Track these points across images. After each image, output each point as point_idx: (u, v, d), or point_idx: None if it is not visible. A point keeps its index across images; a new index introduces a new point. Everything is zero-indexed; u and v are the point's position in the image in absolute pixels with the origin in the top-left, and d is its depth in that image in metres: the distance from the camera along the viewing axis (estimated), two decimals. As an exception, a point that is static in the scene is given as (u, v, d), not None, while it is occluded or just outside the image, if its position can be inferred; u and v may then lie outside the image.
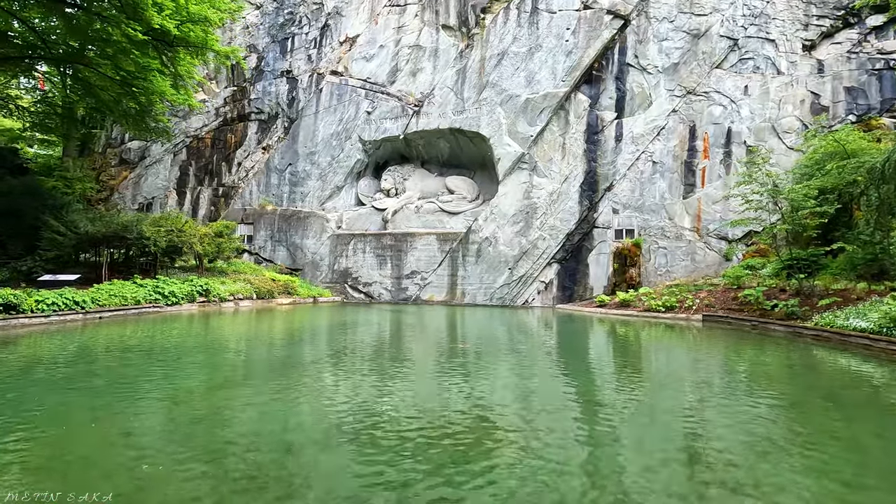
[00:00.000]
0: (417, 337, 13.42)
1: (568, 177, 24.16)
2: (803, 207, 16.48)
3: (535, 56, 24.68)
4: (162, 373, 8.02)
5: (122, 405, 6.01)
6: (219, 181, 30.43)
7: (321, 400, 6.53)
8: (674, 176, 23.30)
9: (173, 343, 11.18)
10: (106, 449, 4.64)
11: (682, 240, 22.81)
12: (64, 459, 4.41)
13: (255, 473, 4.07)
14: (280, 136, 29.77)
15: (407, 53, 27.37)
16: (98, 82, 20.34)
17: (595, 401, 6.74)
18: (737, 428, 5.49)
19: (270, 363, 9.21)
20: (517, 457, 4.56)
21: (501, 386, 7.52)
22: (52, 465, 4.28)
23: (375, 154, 28.80)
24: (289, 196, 28.83)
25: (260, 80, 30.23)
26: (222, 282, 21.61)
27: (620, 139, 23.83)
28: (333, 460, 4.41)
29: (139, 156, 31.83)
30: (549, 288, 24.31)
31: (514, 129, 24.79)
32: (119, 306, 16.00)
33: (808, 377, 8.87)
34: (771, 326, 14.80)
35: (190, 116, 30.64)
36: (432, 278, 25.57)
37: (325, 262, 27.24)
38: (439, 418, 5.66)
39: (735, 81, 23.00)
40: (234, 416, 5.81)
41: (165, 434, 5.10)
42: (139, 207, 30.59)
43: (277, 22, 30.30)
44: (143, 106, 21.26)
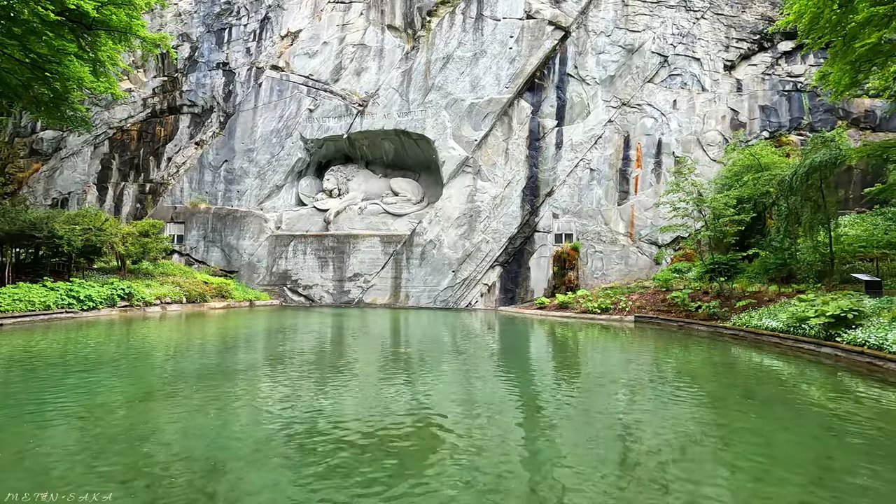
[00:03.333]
0: (359, 341, 13.13)
1: (511, 181, 24.65)
2: (724, 215, 17.76)
3: (479, 61, 25.01)
4: (73, 386, 7.31)
5: (21, 423, 5.39)
6: (146, 177, 28.44)
7: (254, 411, 6.19)
8: (610, 183, 24.39)
9: (87, 353, 10.24)
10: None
11: (617, 244, 23.91)
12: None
13: (174, 495, 3.76)
14: (215, 130, 28.28)
15: (351, 52, 26.87)
16: (4, 64, 18.36)
17: (533, 402, 6.84)
18: (662, 425, 5.75)
19: (198, 373, 8.64)
20: (457, 462, 4.51)
21: (443, 390, 7.47)
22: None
23: (318, 153, 28.04)
24: (224, 194, 27.43)
25: (193, 70, 28.59)
26: (148, 284, 20.17)
27: (561, 146, 24.63)
28: (262, 479, 4.16)
29: (53, 147, 29.14)
30: (491, 290, 24.67)
31: (458, 132, 24.98)
32: (25, 312, 14.49)
33: (725, 374, 9.50)
34: (695, 326, 15.79)
35: (113, 106, 28.44)
36: (376, 281, 25.21)
37: (262, 264, 26.14)
38: (379, 427, 5.51)
39: (665, 95, 24.45)
40: (153, 431, 5.37)
41: (72, 455, 4.61)
42: (52, 203, 27.98)
43: (213, 11, 28.80)
44: (57, 92, 19.44)
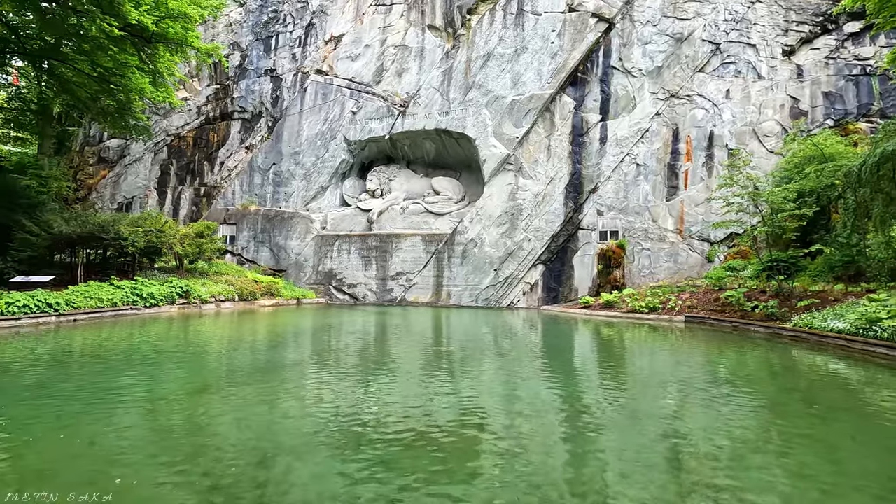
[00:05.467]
0: (402, 339, 13.30)
1: (553, 178, 24.24)
2: (783, 210, 16.74)
3: (520, 57, 24.73)
4: (138, 378, 7.79)
5: (93, 412, 5.80)
6: (201, 181, 29.93)
7: (302, 406, 6.39)
8: (657, 178, 23.52)
9: (151, 347, 10.90)
10: (70, 460, 4.45)
11: (666, 241, 23.04)
12: (24, 470, 4.21)
13: (228, 484, 3.93)
14: (264, 135, 29.38)
15: (392, 53, 27.21)
16: (74, 79, 19.83)
17: (577, 403, 6.70)
18: (717, 430, 5.49)
19: (251, 367, 9.01)
20: (498, 461, 4.48)
21: (485, 389, 7.45)
22: (9, 479, 4.08)
23: (361, 154, 28.59)
24: (272, 196, 28.46)
25: (243, 78, 29.82)
26: (203, 283, 21.22)
27: (605, 141, 23.98)
28: (311, 470, 4.28)
29: (118, 154, 31.17)
30: (534, 289, 24.36)
31: (499, 130, 24.80)
32: (95, 309, 15.58)
33: (786, 378, 8.96)
34: (751, 327, 14.98)
35: (171, 114, 30.09)
36: (417, 279, 25.44)
37: (309, 263, 26.94)
38: (424, 424, 5.56)
39: (717, 85, 23.31)
40: (211, 422, 5.65)
41: (136, 442, 4.91)
42: (118, 207, 29.93)
43: (261, 20, 29.91)
44: (121, 103, 20.79)
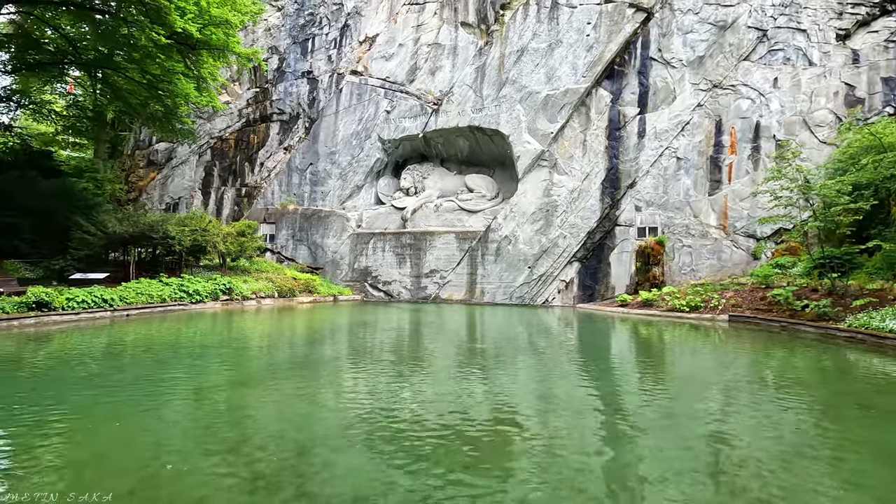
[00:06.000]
0: (436, 336, 13.39)
1: (589, 174, 23.77)
2: (836, 204, 15.82)
3: (555, 52, 24.34)
4: (185, 370, 8.17)
5: (145, 402, 6.13)
6: (242, 181, 30.97)
7: (340, 399, 6.54)
8: (699, 172, 22.68)
9: (196, 341, 11.40)
10: (125, 446, 4.72)
11: (708, 238, 22.20)
12: (85, 455, 4.50)
13: (270, 472, 4.08)
14: (301, 136, 30.11)
15: (426, 52, 27.33)
16: (126, 86, 20.92)
17: (614, 403, 6.57)
18: (764, 434, 5.27)
19: (291, 362, 9.29)
20: (533, 459, 4.46)
21: (520, 387, 7.41)
22: (71, 461, 4.37)
23: (395, 153, 28.87)
24: (310, 195, 29.14)
25: (281, 80, 30.62)
26: (245, 280, 21.97)
27: (643, 135, 23.31)
28: (348, 462, 4.39)
29: (166, 157, 32.63)
30: (569, 287, 23.99)
31: (533, 126, 24.52)
32: (145, 304, 16.41)
33: (840, 381, 8.49)
34: (801, 328, 14.27)
35: (214, 118, 31.25)
36: (451, 277, 25.51)
37: (345, 261, 27.46)
38: (458, 420, 5.59)
39: (764, 74, 22.24)
40: (253, 414, 5.86)
41: (185, 431, 5.16)
42: (166, 207, 31.35)
43: (298, 23, 30.63)
44: (168, 108, 21.77)
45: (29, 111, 25.82)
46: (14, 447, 4.59)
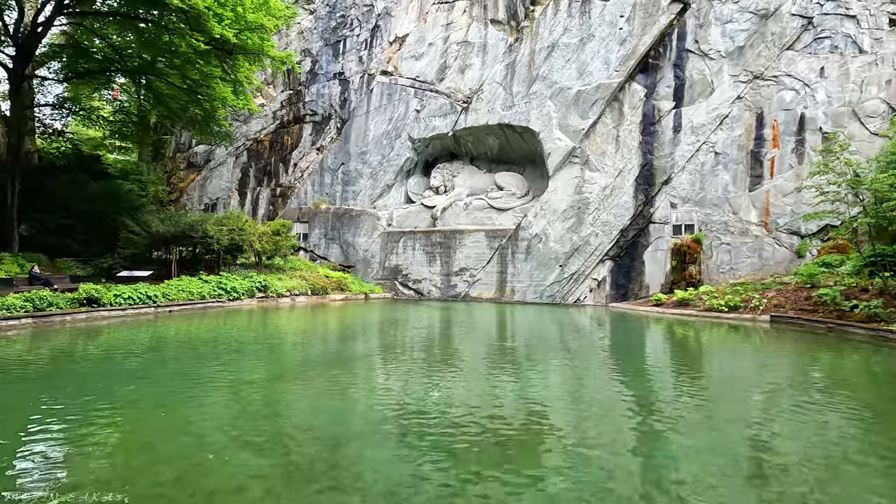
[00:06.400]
0: (467, 335, 13.41)
1: (622, 170, 23.27)
2: (889, 198, 14.97)
3: (586, 46, 23.92)
4: (224, 365, 8.47)
5: (187, 394, 6.39)
6: (276, 181, 31.76)
7: (372, 395, 6.65)
8: (738, 167, 21.87)
9: (234, 337, 11.78)
10: (170, 435, 4.94)
11: (748, 235, 21.39)
12: (132, 443, 4.74)
13: (305, 463, 4.20)
14: (333, 136, 30.63)
15: (455, 50, 27.33)
16: (167, 91, 21.78)
17: (648, 404, 6.43)
18: (808, 439, 5.06)
19: (324, 357, 9.50)
20: (565, 458, 4.42)
21: (551, 386, 7.35)
22: (122, 448, 4.61)
23: (425, 152, 29.01)
24: (341, 195, 29.62)
25: (314, 82, 31.21)
26: (279, 278, 22.55)
27: (679, 130, 22.64)
28: (380, 456, 4.46)
29: (205, 159, 33.79)
30: (601, 286, 23.57)
31: (564, 122, 24.18)
32: (186, 301, 17.06)
33: (892, 385, 8.05)
34: (850, 329, 13.58)
35: (250, 120, 32.14)
36: (481, 275, 25.47)
37: (376, 260, 27.80)
38: (488, 418, 5.60)
39: (809, 63, 21.22)
40: (288, 407, 6.03)
41: (224, 423, 5.36)
42: (205, 208, 32.47)
43: (330, 25, 31.14)
44: (207, 112, 22.53)
45: (79, 117, 27.21)
46: (70, 435, 4.88)
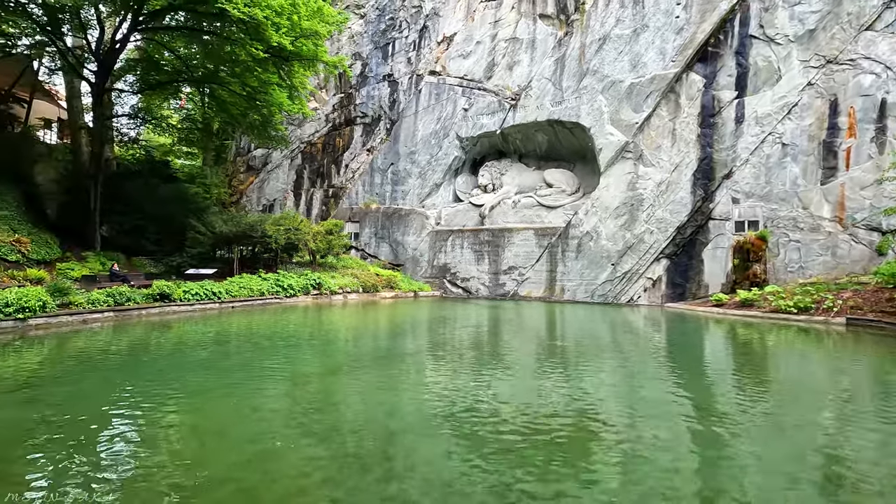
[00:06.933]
0: (516, 333, 13.34)
1: (679, 165, 22.30)
2: None
3: (640, 37, 23.09)
4: (283, 358, 8.89)
5: (251, 385, 6.77)
6: (329, 182, 32.81)
7: (424, 390, 6.78)
8: (809, 159, 20.41)
9: (291, 332, 12.32)
10: (239, 421, 5.26)
11: (820, 231, 19.93)
12: (206, 428, 5.08)
13: (362, 454, 4.36)
14: (383, 137, 31.25)
15: (503, 47, 27.15)
16: (229, 98, 23.00)
17: (708, 407, 6.17)
18: (887, 450, 4.69)
19: (377, 353, 9.76)
20: (619, 460, 4.34)
21: (603, 386, 7.20)
22: (196, 433, 4.96)
23: (472, 150, 29.03)
24: (391, 194, 30.18)
25: (364, 85, 31.96)
26: (332, 276, 23.29)
27: (742, 120, 21.42)
28: (432, 451, 4.55)
29: (262, 162, 35.41)
30: (656, 285, 22.71)
31: (616, 116, 23.47)
32: (247, 297, 17.99)
33: None
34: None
35: (304, 124, 33.36)
36: (530, 274, 25.20)
37: (424, 258, 28.13)
38: (537, 418, 5.58)
39: (892, 44, 19.46)
40: (344, 400, 6.26)
41: (286, 413, 5.64)
42: (262, 208, 34.04)
43: (379, 28, 31.77)
44: (265, 117, 23.60)
45: (151, 125, 29.25)
46: (150, 419, 5.30)
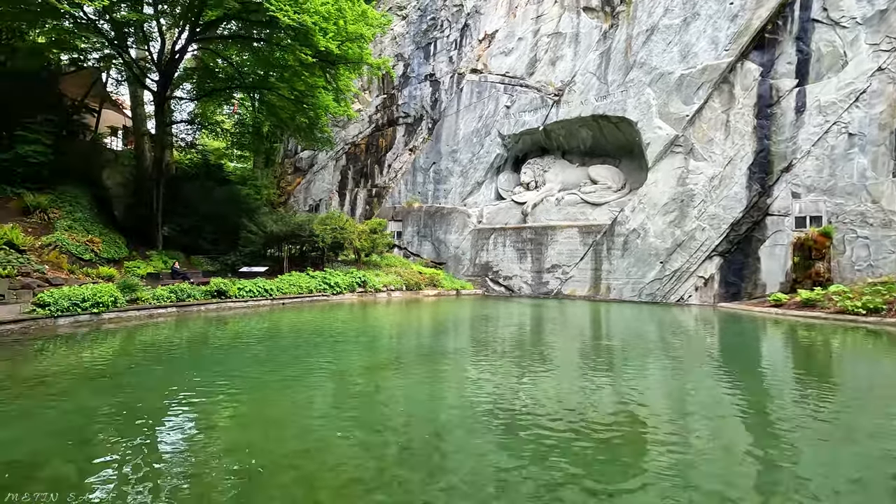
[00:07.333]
0: (559, 332, 13.18)
1: (733, 158, 21.29)
2: None
3: (690, 26, 22.19)
4: (334, 353, 9.19)
5: (304, 379, 7.06)
6: (372, 182, 33.45)
7: (471, 387, 6.85)
8: (879, 149, 18.99)
9: (340, 328, 12.69)
10: (299, 412, 5.51)
11: (892, 227, 18.52)
12: (267, 417, 5.35)
13: (414, 447, 4.47)
14: (425, 137, 31.54)
15: (546, 42, 26.78)
16: (278, 102, 23.89)
17: (768, 412, 5.90)
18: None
19: (417, 350, 9.91)
20: (670, 463, 4.25)
21: (652, 388, 7.02)
22: (257, 422, 5.23)
23: (514, 148, 28.83)
24: (433, 193, 30.43)
25: (406, 85, 32.35)
26: (376, 274, 23.76)
27: (803, 110, 20.20)
28: (482, 445, 4.61)
29: (309, 164, 36.53)
30: (709, 284, 21.80)
31: (665, 109, 22.66)
32: (296, 294, 18.64)
33: None
34: None
35: (348, 125, 34.16)
36: (574, 272, 24.78)
37: (466, 256, 28.20)
38: (580, 419, 5.53)
39: (976, 22, 17.82)
40: (393, 395, 6.42)
41: (336, 405, 5.85)
42: (309, 208, 35.12)
43: (421, 29, 32.06)
44: (311, 120, 24.36)
45: (207, 130, 30.79)
46: (213, 408, 5.63)
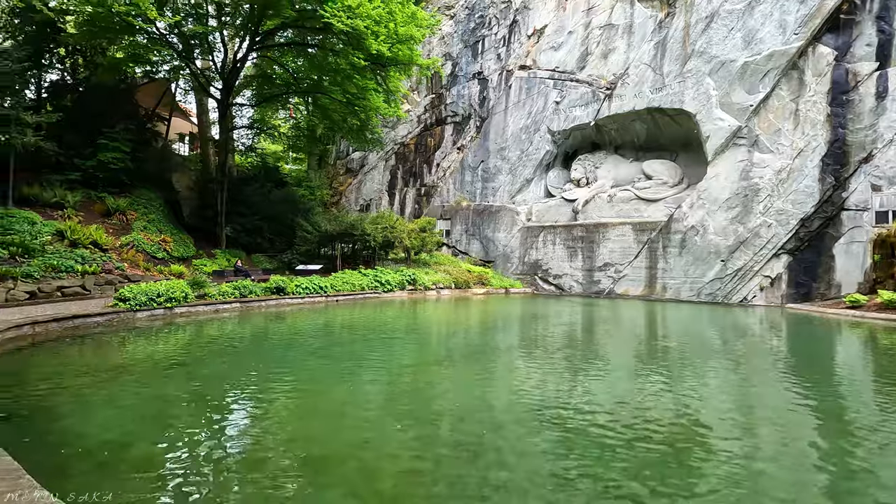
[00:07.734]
0: (613, 333, 12.86)
1: (803, 150, 19.91)
2: None
3: (755, 11, 20.92)
4: (386, 349, 9.43)
5: (361, 373, 7.30)
6: (421, 181, 33.85)
7: (523, 384, 6.84)
8: (977, 136, 17.17)
9: (392, 325, 12.98)
10: (354, 406, 5.72)
11: None
12: (330, 407, 5.59)
13: (469, 442, 4.54)
14: (473, 135, 31.56)
15: (597, 35, 26.08)
16: (330, 105, 24.66)
17: (843, 424, 5.52)
18: None
19: (467, 348, 9.98)
20: (731, 472, 4.08)
21: (711, 393, 6.74)
22: (319, 414, 5.48)
23: (564, 144, 28.30)
24: (481, 192, 30.40)
25: (454, 84, 32.48)
26: (426, 272, 24.05)
27: (884, 95, 18.58)
28: (537, 442, 4.61)
29: (359, 164, 37.46)
30: (775, 284, 20.51)
31: (727, 100, 21.50)
32: (349, 292, 19.21)
33: None
34: None
35: (397, 126, 34.72)
36: (627, 271, 24.03)
37: (515, 255, 27.99)
38: (641, 420, 5.39)
39: None
40: (445, 391, 6.52)
41: (388, 399, 6.02)
42: (360, 208, 36.02)
43: (469, 27, 32.07)
44: (362, 121, 24.97)
45: (265, 135, 32.26)
46: (277, 399, 5.94)
